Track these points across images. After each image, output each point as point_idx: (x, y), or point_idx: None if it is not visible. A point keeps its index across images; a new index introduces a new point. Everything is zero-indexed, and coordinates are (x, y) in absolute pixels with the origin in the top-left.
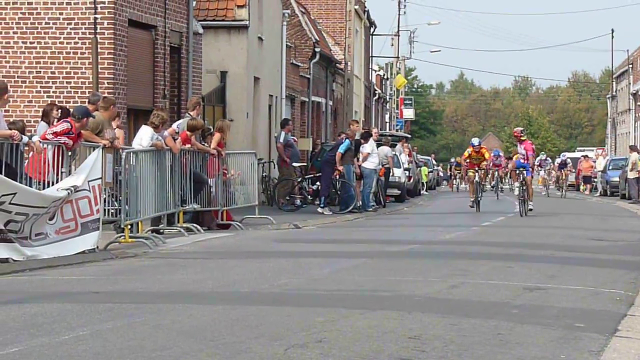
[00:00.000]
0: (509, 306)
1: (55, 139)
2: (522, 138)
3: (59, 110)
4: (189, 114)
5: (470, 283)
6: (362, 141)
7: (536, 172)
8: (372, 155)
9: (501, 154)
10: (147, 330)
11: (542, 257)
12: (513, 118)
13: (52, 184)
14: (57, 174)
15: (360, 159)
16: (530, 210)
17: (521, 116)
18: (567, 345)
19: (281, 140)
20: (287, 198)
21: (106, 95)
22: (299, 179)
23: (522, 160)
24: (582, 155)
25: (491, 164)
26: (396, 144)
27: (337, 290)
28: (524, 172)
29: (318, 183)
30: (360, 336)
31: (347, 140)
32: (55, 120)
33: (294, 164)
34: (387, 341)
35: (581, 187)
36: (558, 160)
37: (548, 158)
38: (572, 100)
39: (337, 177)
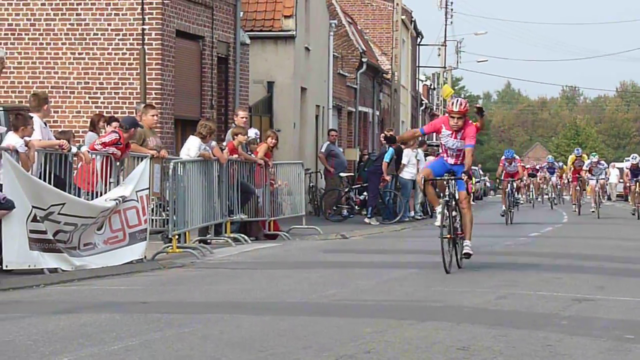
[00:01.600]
0: (558, 317)
1: (104, 149)
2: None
3: (106, 123)
4: (234, 124)
5: (519, 294)
6: (403, 147)
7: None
8: (409, 166)
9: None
10: (195, 341)
11: (591, 268)
12: (561, 128)
13: (101, 195)
14: (106, 185)
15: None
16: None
17: (569, 126)
18: (616, 357)
19: (323, 150)
20: (334, 208)
21: (146, 103)
22: (346, 189)
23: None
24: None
25: (525, 177)
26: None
27: (385, 301)
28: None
29: (365, 193)
30: (408, 347)
31: (390, 148)
32: (103, 130)
33: (341, 174)
34: (435, 352)
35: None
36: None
37: (602, 162)
38: (620, 110)
39: (384, 186)
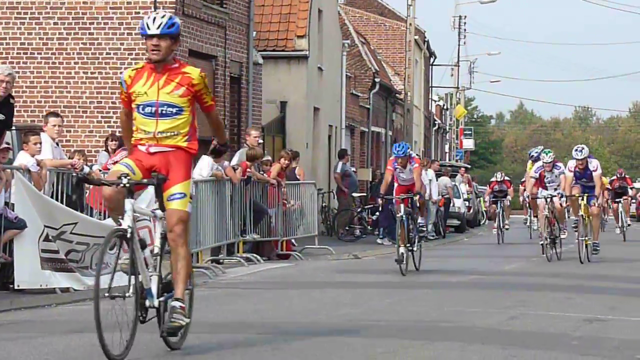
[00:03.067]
0: (569, 337)
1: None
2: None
3: (116, 141)
4: (246, 144)
5: (530, 314)
6: None
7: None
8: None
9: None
10: None
11: (603, 289)
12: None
13: None
14: None
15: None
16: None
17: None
18: None
19: (338, 170)
20: (347, 228)
21: None
22: (359, 209)
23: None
24: None
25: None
26: (456, 174)
27: (397, 321)
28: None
29: (377, 213)
30: None
31: None
32: (113, 150)
33: (353, 194)
34: None
35: None
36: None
37: (559, 164)
38: (633, 131)
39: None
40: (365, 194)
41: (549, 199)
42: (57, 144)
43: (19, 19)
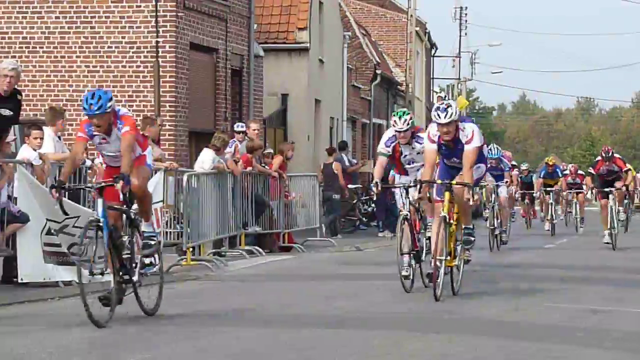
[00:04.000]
0: (573, 329)
1: None
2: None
3: None
4: (247, 137)
5: (534, 306)
6: None
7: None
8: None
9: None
10: (209, 354)
11: (610, 280)
12: (576, 139)
13: None
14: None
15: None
16: None
17: (584, 137)
18: None
19: (347, 163)
20: (343, 220)
21: (145, 114)
22: (354, 201)
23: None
24: None
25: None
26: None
27: (397, 313)
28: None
29: (373, 205)
30: (419, 359)
31: None
32: None
33: (350, 186)
34: None
35: None
36: None
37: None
38: (636, 121)
39: (391, 199)
40: (361, 185)
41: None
42: (60, 137)
43: (21, 13)
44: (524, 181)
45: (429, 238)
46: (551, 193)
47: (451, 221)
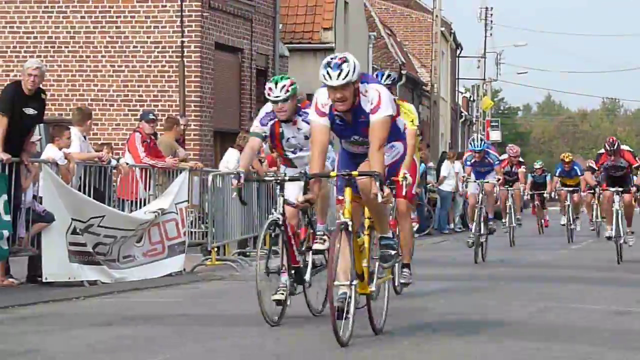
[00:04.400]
0: (598, 330)
1: (148, 159)
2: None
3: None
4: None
5: (559, 306)
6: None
7: None
8: (448, 178)
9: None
10: (234, 354)
11: (634, 281)
12: (601, 140)
13: (144, 203)
14: (147, 190)
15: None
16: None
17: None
18: None
19: None
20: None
21: (170, 114)
22: None
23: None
24: None
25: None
26: None
27: (424, 314)
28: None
29: None
30: None
31: (422, 164)
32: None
33: None
34: None
35: None
36: None
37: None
38: None
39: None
40: None
41: None
42: (85, 137)
43: (47, 12)
44: (537, 181)
45: (317, 252)
46: (569, 194)
47: (361, 230)
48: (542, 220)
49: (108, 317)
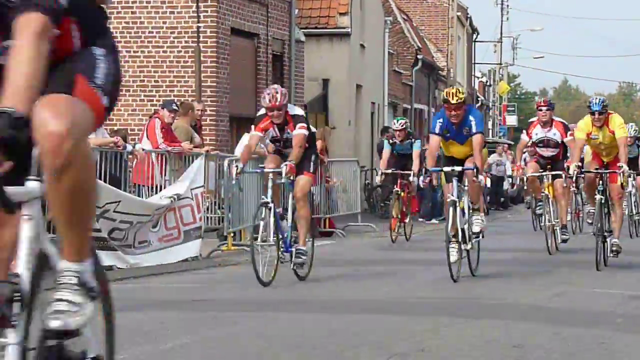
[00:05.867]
0: (613, 315)
1: (166, 145)
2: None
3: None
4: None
5: (574, 291)
6: None
7: None
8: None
9: None
10: (249, 339)
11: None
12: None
13: (160, 189)
14: (162, 176)
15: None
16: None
17: (626, 122)
18: None
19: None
20: (382, 205)
21: (186, 100)
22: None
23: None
24: None
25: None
26: (494, 151)
27: (439, 299)
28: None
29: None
30: (462, 345)
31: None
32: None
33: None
34: (490, 350)
35: None
36: None
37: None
38: None
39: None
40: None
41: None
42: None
43: None
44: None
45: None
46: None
47: None
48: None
49: (123, 303)
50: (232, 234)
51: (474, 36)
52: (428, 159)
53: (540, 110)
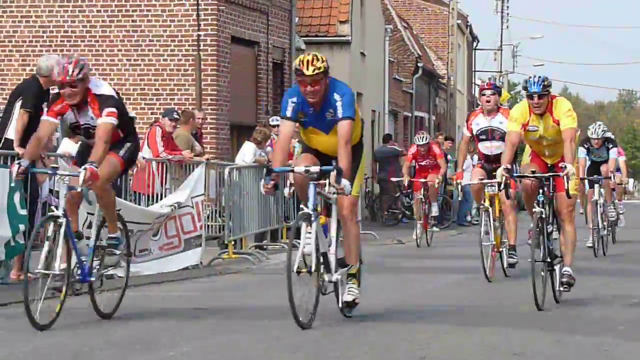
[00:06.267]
0: (615, 322)
1: (167, 153)
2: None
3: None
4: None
5: (575, 298)
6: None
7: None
8: (467, 171)
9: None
10: (251, 347)
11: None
12: (618, 132)
13: (160, 197)
14: (162, 184)
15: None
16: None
17: (626, 130)
18: None
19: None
20: (386, 213)
21: (187, 108)
22: (396, 195)
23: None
24: None
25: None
26: None
27: (440, 306)
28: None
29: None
30: (463, 353)
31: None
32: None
33: (393, 179)
34: (490, 357)
35: None
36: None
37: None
38: None
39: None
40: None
41: None
42: None
43: (63, 6)
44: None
45: None
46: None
47: None
48: None
49: (124, 311)
50: (232, 242)
51: (474, 44)
52: (277, 153)
53: (484, 94)
